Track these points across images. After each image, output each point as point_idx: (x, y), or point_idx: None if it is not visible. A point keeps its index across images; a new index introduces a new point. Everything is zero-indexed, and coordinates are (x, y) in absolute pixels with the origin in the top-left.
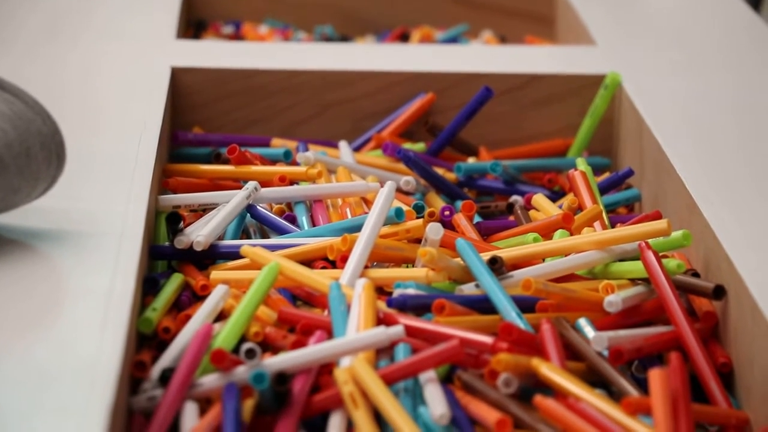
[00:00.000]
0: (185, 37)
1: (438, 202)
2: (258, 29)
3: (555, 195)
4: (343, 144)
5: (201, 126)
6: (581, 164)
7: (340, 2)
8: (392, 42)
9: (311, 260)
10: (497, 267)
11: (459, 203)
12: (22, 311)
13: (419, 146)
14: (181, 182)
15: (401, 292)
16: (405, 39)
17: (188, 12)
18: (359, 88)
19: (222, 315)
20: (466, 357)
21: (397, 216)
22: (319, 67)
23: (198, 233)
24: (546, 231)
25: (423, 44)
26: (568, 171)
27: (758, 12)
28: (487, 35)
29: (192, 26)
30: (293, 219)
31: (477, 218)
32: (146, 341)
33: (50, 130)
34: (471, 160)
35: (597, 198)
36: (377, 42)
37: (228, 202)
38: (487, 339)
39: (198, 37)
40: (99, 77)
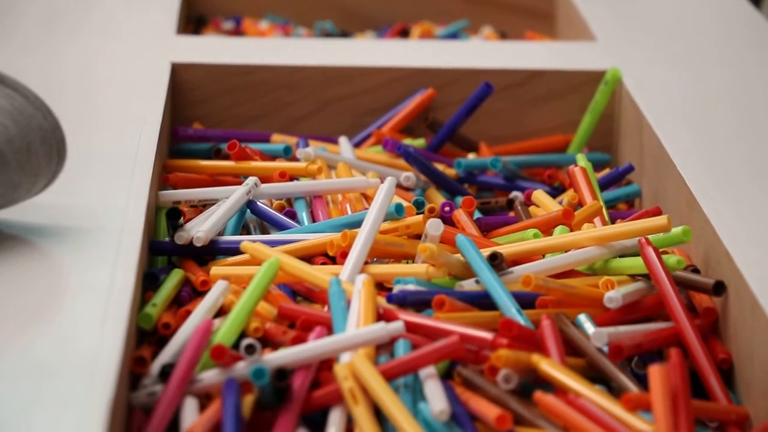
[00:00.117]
0: (185, 33)
1: (438, 198)
2: (258, 25)
3: (555, 191)
4: (343, 140)
5: (201, 122)
6: (581, 160)
7: None
8: (392, 38)
9: (311, 256)
10: (497, 263)
11: (459, 199)
12: (23, 307)
13: (419, 142)
14: (182, 178)
15: (401, 288)
16: (405, 35)
17: (188, 7)
18: (359, 84)
19: (222, 311)
20: (466, 353)
21: (397, 212)
22: (320, 63)
23: (198, 229)
24: (546, 227)
25: (423, 40)
26: (569, 167)
27: (758, 8)
28: (488, 31)
29: (192, 22)
30: (293, 215)
31: (477, 214)
32: (146, 337)
33: (51, 126)
34: (471, 156)
35: (597, 194)
36: (377, 38)
37: (228, 198)
38: (487, 335)
39: (198, 33)
40: (99, 73)
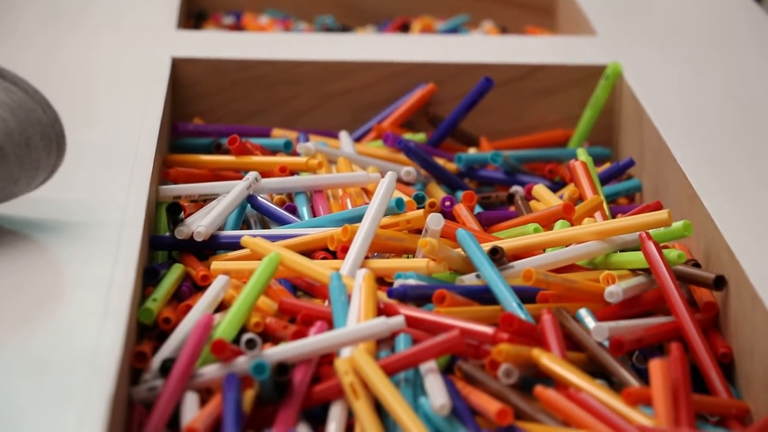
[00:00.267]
0: (186, 28)
1: (439, 193)
2: (258, 20)
3: (556, 185)
4: (344, 134)
5: (201, 117)
6: (582, 155)
7: None
8: (393, 32)
9: (312, 251)
10: (498, 257)
11: (459, 194)
12: (23, 302)
13: (420, 137)
14: (182, 173)
15: (402, 283)
16: (405, 29)
17: (189, 2)
18: (360, 79)
19: (222, 305)
20: (467, 347)
21: (398, 206)
22: (320, 58)
23: (198, 224)
24: (547, 221)
25: (424, 35)
26: (569, 161)
27: (759, 2)
28: (488, 26)
29: (192, 17)
30: (294, 209)
31: (477, 209)
32: (147, 332)
33: (50, 120)
34: (472, 151)
35: (598, 188)
36: (378, 32)
37: (228, 193)
38: (488, 329)
39: (198, 28)
40: (99, 68)
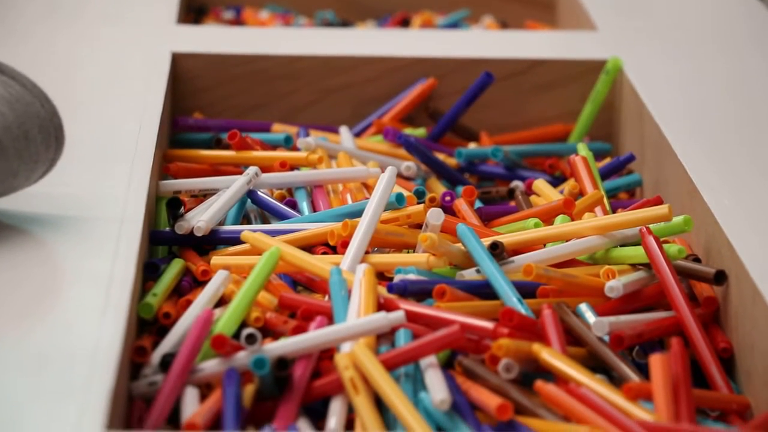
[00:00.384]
0: (186, 23)
1: (439, 188)
2: (259, 14)
3: (556, 180)
4: (344, 129)
5: (202, 111)
6: (582, 149)
7: None
8: (393, 27)
9: (312, 245)
10: (498, 252)
11: (460, 188)
12: (23, 297)
13: (420, 131)
14: (182, 167)
15: (402, 278)
16: (406, 24)
17: None
18: (360, 74)
19: (222, 300)
20: (467, 342)
21: (398, 201)
22: (320, 53)
23: (199, 218)
24: (547, 216)
25: (424, 29)
26: (569, 156)
27: None
28: (488, 20)
29: (192, 11)
30: (294, 204)
31: (478, 203)
32: (147, 327)
33: (48, 113)
34: (472, 146)
35: (598, 183)
36: (378, 27)
37: (228, 188)
38: (488, 324)
39: (198, 23)
40: (99, 62)
